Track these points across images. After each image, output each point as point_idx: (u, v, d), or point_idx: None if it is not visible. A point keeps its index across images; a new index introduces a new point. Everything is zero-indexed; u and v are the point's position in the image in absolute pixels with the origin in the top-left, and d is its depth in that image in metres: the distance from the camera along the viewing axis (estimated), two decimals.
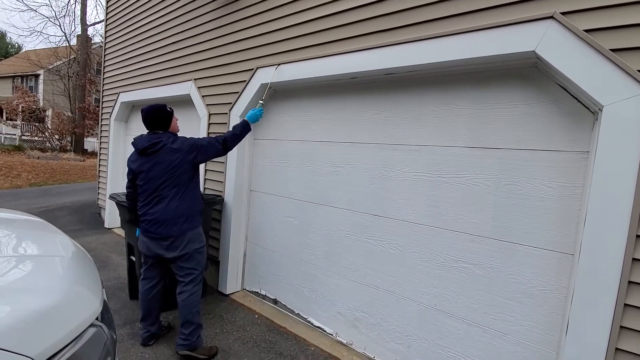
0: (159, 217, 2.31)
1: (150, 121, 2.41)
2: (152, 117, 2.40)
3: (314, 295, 2.91)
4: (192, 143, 2.39)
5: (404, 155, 2.37)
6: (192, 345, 2.35)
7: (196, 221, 2.43)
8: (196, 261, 2.41)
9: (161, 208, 2.31)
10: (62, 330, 0.90)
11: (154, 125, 2.41)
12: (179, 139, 2.40)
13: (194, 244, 2.38)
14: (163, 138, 2.35)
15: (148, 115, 2.40)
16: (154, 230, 2.32)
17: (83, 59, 18.75)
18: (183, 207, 2.35)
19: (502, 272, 1.96)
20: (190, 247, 2.36)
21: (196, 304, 2.38)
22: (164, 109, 2.43)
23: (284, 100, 3.17)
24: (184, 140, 2.40)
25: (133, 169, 2.39)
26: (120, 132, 5.56)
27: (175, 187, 2.33)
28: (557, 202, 1.80)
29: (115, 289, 3.38)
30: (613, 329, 1.49)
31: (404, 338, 2.36)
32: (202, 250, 2.46)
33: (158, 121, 2.41)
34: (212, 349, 2.44)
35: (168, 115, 2.44)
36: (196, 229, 2.42)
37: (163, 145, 2.32)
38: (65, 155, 16.10)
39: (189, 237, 2.36)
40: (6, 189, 8.58)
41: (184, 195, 2.35)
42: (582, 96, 1.67)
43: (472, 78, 2.08)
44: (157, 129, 2.42)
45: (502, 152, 1.97)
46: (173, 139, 2.37)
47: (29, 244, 1.42)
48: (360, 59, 2.39)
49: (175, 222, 2.32)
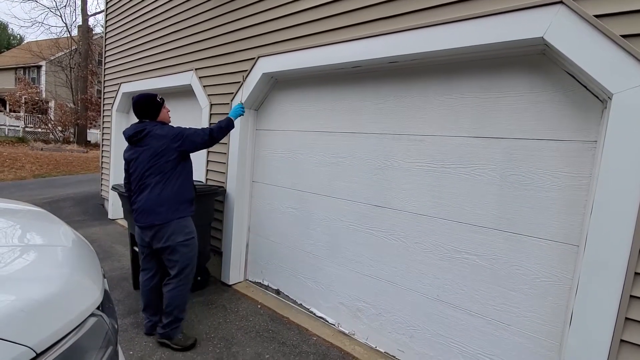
0: (142, 205, 2.31)
1: (139, 110, 2.41)
2: (140, 105, 2.40)
3: (316, 286, 2.91)
4: (178, 132, 2.36)
5: (407, 146, 2.34)
6: (167, 335, 2.38)
7: (182, 210, 2.36)
8: (180, 254, 2.33)
9: (144, 196, 2.31)
10: (62, 320, 0.90)
11: (141, 114, 2.41)
12: (166, 127, 2.39)
13: (177, 237, 2.31)
14: (147, 126, 2.34)
15: (136, 104, 2.40)
16: (139, 219, 2.33)
17: (84, 49, 18.65)
18: (166, 195, 2.29)
19: (505, 263, 1.95)
20: (173, 240, 2.29)
21: (179, 298, 2.35)
22: (152, 98, 2.42)
23: (285, 90, 3.13)
24: (171, 129, 2.38)
25: (125, 158, 2.42)
26: (123, 123, 5.54)
27: (159, 174, 2.29)
28: (563, 192, 1.77)
29: (120, 279, 3.40)
30: (618, 320, 1.47)
31: (405, 328, 2.37)
32: (188, 243, 2.36)
33: (145, 110, 2.40)
34: (188, 340, 2.41)
35: (156, 105, 2.43)
36: (182, 220, 2.34)
37: (147, 133, 2.31)
38: (69, 147, 16.15)
39: (173, 227, 2.30)
40: (10, 180, 8.63)
41: (167, 183, 2.30)
42: (591, 84, 1.63)
43: (478, 66, 2.04)
44: (144, 118, 2.42)
45: (507, 142, 1.93)
46: (159, 127, 2.36)
47: (31, 233, 1.42)
48: (363, 47, 2.34)
49: (158, 211, 2.28)
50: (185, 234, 2.35)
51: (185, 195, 2.40)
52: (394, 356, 2.42)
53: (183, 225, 2.35)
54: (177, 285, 2.36)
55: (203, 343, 2.48)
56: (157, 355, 2.31)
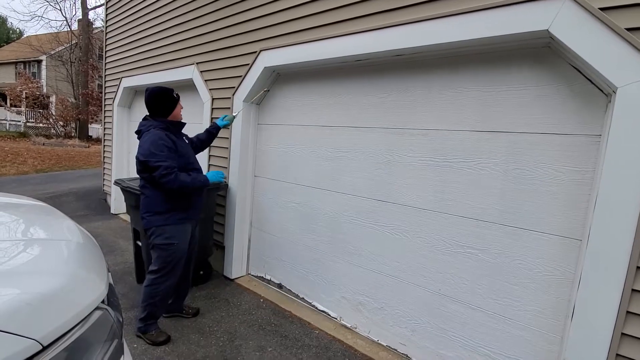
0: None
1: (152, 104, 2.38)
2: (153, 99, 2.38)
3: (318, 280, 2.93)
4: (147, 155, 2.20)
5: (410, 140, 2.33)
6: (142, 329, 2.40)
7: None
8: (156, 255, 2.36)
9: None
10: (68, 313, 0.91)
11: (153, 109, 2.39)
12: (148, 139, 2.24)
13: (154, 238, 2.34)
14: (143, 128, 2.35)
15: (150, 98, 2.38)
16: None
17: (85, 43, 18.57)
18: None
19: (508, 257, 1.95)
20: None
21: (152, 295, 2.34)
22: (168, 93, 2.39)
23: (287, 84, 3.12)
24: (145, 148, 2.22)
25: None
26: (124, 118, 5.54)
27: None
28: (567, 187, 1.76)
29: (123, 274, 3.43)
30: (619, 314, 1.48)
31: (407, 322, 2.38)
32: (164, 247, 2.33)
33: (158, 105, 2.38)
34: (160, 336, 2.39)
35: (172, 101, 2.40)
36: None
37: (142, 133, 2.34)
38: (70, 142, 16.16)
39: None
40: (13, 175, 8.66)
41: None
42: (596, 77, 1.61)
43: (482, 59, 2.02)
44: (155, 114, 2.40)
45: (511, 136, 1.92)
46: (149, 136, 2.26)
47: (35, 228, 1.42)
48: (366, 40, 2.32)
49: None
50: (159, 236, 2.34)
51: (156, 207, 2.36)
52: (395, 349, 2.44)
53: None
54: (149, 282, 2.38)
55: (206, 336, 2.50)
56: (160, 349, 2.33)
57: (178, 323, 2.63)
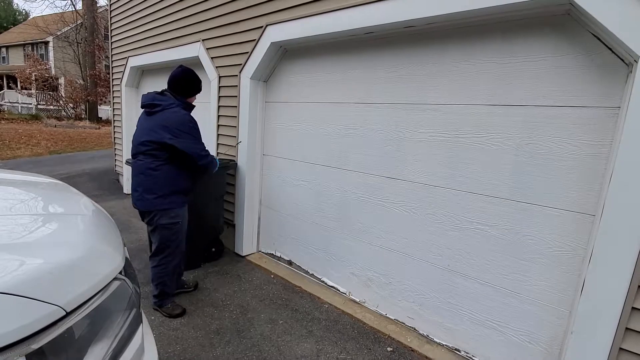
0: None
1: (177, 83, 2.42)
2: (181, 78, 2.42)
3: (327, 257, 2.97)
4: (185, 127, 2.30)
5: (420, 116, 2.29)
6: (158, 304, 2.50)
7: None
8: (161, 235, 2.41)
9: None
10: (88, 282, 0.95)
11: (175, 87, 2.42)
12: (182, 117, 2.33)
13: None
14: (163, 102, 2.34)
15: (178, 76, 2.42)
16: None
17: (90, 23, 18.42)
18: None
19: (518, 233, 1.94)
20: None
21: (161, 275, 2.45)
22: (197, 77, 2.47)
23: (295, 60, 3.06)
24: (187, 128, 2.31)
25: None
26: (132, 98, 5.54)
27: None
28: (582, 161, 1.72)
29: (138, 251, 3.53)
30: (631, 288, 1.47)
31: (415, 297, 2.42)
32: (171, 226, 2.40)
33: (184, 85, 2.43)
34: (175, 309, 2.49)
35: (197, 86, 2.49)
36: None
37: (162, 109, 2.32)
38: (81, 124, 16.34)
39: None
40: (28, 156, 8.84)
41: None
42: (617, 46, 1.54)
43: (498, 29, 1.94)
44: (176, 92, 2.42)
45: (526, 110, 1.87)
46: (174, 112, 2.32)
47: (53, 204, 1.46)
48: (376, 11, 2.24)
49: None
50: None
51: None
52: (403, 323, 2.49)
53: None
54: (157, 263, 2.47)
55: (220, 309, 2.59)
56: (177, 321, 2.42)
57: (192, 297, 2.72)
